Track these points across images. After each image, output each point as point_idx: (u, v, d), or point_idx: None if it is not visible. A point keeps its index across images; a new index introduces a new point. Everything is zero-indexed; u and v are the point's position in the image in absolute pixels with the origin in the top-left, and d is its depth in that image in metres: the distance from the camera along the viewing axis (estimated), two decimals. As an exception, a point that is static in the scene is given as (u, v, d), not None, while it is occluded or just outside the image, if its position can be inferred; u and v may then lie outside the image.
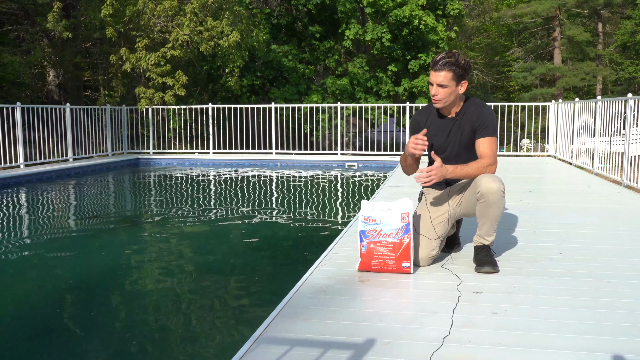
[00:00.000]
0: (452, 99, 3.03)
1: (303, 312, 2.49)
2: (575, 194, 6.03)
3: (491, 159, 3.00)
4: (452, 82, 2.97)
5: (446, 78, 2.95)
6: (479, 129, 3.04)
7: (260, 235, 5.61)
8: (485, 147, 3.03)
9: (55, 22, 12.50)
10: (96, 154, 12.38)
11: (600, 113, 7.87)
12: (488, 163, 2.99)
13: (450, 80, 2.96)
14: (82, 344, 3.01)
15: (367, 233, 2.98)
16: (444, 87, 2.97)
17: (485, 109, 3.07)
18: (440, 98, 3.01)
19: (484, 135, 3.03)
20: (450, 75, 2.95)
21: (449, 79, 2.96)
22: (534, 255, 3.40)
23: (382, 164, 11.65)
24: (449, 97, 3.01)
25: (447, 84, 2.96)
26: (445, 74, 2.95)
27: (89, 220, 6.35)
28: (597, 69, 27.05)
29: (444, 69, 2.95)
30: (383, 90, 17.26)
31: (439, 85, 2.98)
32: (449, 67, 2.95)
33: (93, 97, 17.89)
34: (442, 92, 2.98)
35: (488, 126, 3.03)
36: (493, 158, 3.01)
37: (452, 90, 2.99)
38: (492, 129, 3.04)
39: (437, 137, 3.16)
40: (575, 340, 2.17)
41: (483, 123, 3.03)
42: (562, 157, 10.50)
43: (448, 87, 2.97)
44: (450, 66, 2.95)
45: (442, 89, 2.98)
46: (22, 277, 4.24)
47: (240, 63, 13.97)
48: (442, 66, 2.95)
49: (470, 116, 3.06)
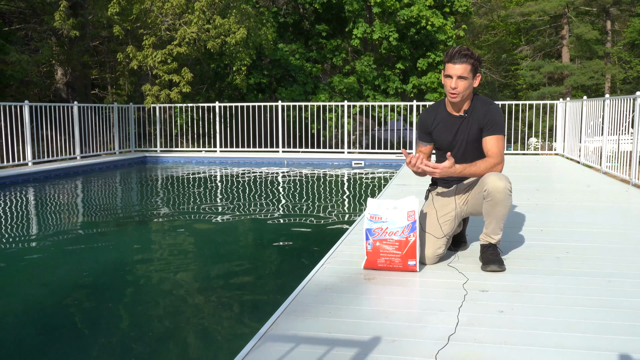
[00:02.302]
0: (468, 92, 3.03)
1: (309, 309, 2.49)
2: (583, 192, 6.00)
3: (498, 158, 2.99)
4: (470, 74, 2.98)
5: (465, 70, 2.96)
6: (486, 127, 3.03)
7: (267, 233, 5.61)
8: (493, 146, 3.02)
9: (63, 21, 12.53)
10: (104, 152, 12.43)
11: (609, 111, 7.83)
12: (495, 162, 2.98)
13: (469, 72, 2.97)
14: (91, 339, 3.02)
15: (373, 231, 2.97)
16: (463, 79, 2.98)
17: (493, 107, 3.06)
18: (459, 91, 3.00)
19: (491, 133, 3.02)
20: (469, 67, 2.97)
21: (468, 71, 2.97)
22: (541, 254, 3.39)
23: (389, 162, 11.64)
24: (466, 90, 3.01)
25: (467, 76, 2.97)
26: (465, 66, 2.96)
27: (97, 217, 6.37)
28: (606, 67, 26.92)
29: (463, 61, 2.96)
30: (391, 88, 17.23)
31: (459, 77, 2.98)
32: (467, 59, 2.96)
33: (101, 95, 17.96)
34: (462, 84, 2.99)
35: (495, 124, 3.02)
36: (500, 157, 3.00)
37: (470, 83, 3.00)
38: (500, 127, 3.03)
39: (445, 135, 3.15)
40: (582, 339, 2.16)
41: (490, 121, 3.02)
42: (570, 155, 10.45)
43: (467, 80, 2.98)
44: (468, 58, 2.96)
45: (462, 81, 2.98)
46: (32, 274, 4.27)
47: (248, 61, 13.98)
48: (460, 58, 2.96)
49: (477, 114, 3.05)
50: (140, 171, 11.13)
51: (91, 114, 11.93)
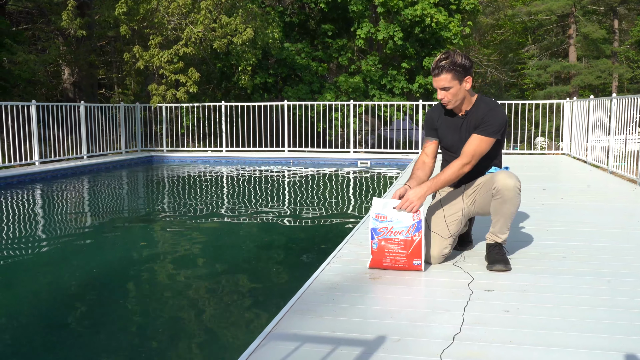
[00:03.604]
0: (460, 97, 3.00)
1: (314, 308, 2.49)
2: (589, 192, 5.97)
3: (467, 158, 2.95)
4: (454, 82, 2.94)
5: (447, 80, 2.93)
6: (479, 126, 2.99)
7: (272, 232, 5.62)
8: (469, 144, 2.98)
9: (70, 21, 12.59)
10: (110, 151, 12.47)
11: (616, 111, 7.79)
12: (463, 163, 2.95)
13: (452, 81, 2.93)
14: (98, 336, 3.03)
15: (379, 230, 2.97)
16: (447, 89, 2.95)
17: (493, 111, 2.99)
18: (448, 100, 2.99)
19: (478, 132, 2.98)
20: (450, 76, 2.92)
21: (450, 79, 2.93)
22: (547, 253, 3.38)
23: (394, 161, 11.62)
24: (456, 97, 2.98)
25: (450, 85, 2.94)
26: (445, 76, 2.93)
27: (104, 217, 6.40)
28: (613, 67, 26.79)
29: (442, 72, 2.93)
30: (397, 87, 17.20)
31: (442, 89, 2.96)
32: (447, 69, 2.92)
33: (107, 95, 18.03)
34: (448, 94, 2.97)
35: (488, 125, 2.96)
36: (470, 157, 2.95)
37: (458, 90, 2.96)
38: (491, 129, 2.95)
39: (449, 135, 3.14)
40: (588, 339, 2.15)
41: (484, 121, 2.97)
42: (576, 155, 10.40)
43: (452, 88, 2.95)
44: (448, 67, 2.92)
45: (447, 92, 2.96)
46: (38, 273, 4.29)
47: (254, 61, 13.99)
48: (439, 70, 2.93)
49: (477, 114, 3.02)
50: (147, 171, 11.16)
51: (98, 114, 11.97)
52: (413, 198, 2.90)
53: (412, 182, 3.13)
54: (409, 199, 2.91)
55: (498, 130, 2.98)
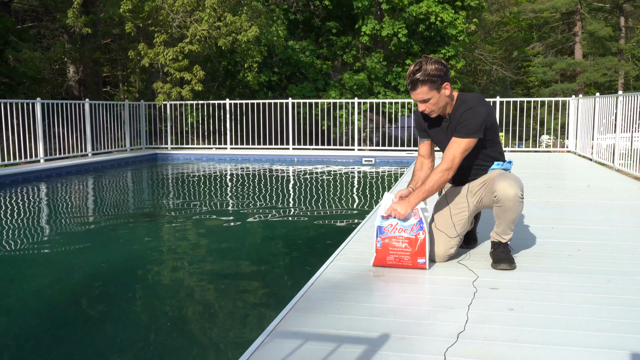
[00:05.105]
0: (442, 104, 2.95)
1: (317, 306, 2.49)
2: (595, 190, 5.95)
3: (447, 164, 2.90)
4: (432, 93, 2.88)
5: (424, 92, 2.88)
6: (456, 129, 2.95)
7: (276, 230, 5.62)
8: (448, 148, 2.94)
9: (75, 18, 12.61)
10: (115, 149, 12.49)
11: (622, 108, 7.76)
12: (443, 169, 2.90)
13: (430, 92, 2.88)
14: (102, 331, 3.04)
15: (384, 229, 2.97)
16: (427, 101, 2.91)
17: (470, 111, 2.92)
18: (430, 110, 2.95)
19: (455, 135, 2.94)
20: (427, 87, 2.87)
21: (427, 91, 2.88)
22: (552, 251, 3.36)
23: (399, 159, 11.60)
24: (437, 105, 2.93)
25: (429, 97, 2.89)
26: (422, 89, 2.87)
27: (109, 213, 6.41)
28: (619, 64, 26.66)
29: (417, 85, 2.87)
30: (402, 84, 17.16)
31: (421, 102, 2.92)
32: (421, 82, 2.86)
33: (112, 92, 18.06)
34: (429, 105, 2.92)
35: (463, 126, 2.91)
36: (450, 162, 2.90)
37: (438, 99, 2.91)
38: (466, 129, 2.90)
39: (438, 137, 3.12)
40: (593, 337, 2.14)
41: (459, 123, 2.93)
42: (582, 153, 10.36)
43: (432, 99, 2.90)
44: (422, 79, 2.86)
45: (427, 103, 2.92)
46: (43, 270, 4.30)
47: (259, 58, 13.98)
48: (414, 84, 2.88)
49: (457, 116, 2.97)
50: (152, 168, 11.18)
51: (102, 111, 12.00)
52: (398, 209, 2.90)
53: (413, 183, 3.13)
54: (394, 209, 2.91)
55: (476, 129, 2.90)
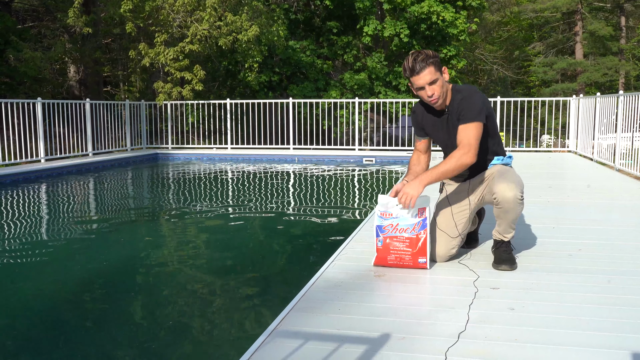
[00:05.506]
0: (445, 89, 2.96)
1: (318, 306, 2.49)
2: (596, 190, 5.94)
3: (465, 148, 2.86)
4: (437, 74, 2.90)
5: (431, 72, 2.88)
6: (460, 118, 2.94)
7: (277, 229, 5.62)
8: (461, 135, 2.91)
9: (76, 18, 12.62)
10: (115, 148, 12.50)
11: (622, 108, 7.75)
12: (462, 153, 2.86)
13: (436, 72, 2.89)
14: (103, 331, 3.04)
15: (384, 228, 2.96)
16: (434, 82, 2.90)
17: (466, 99, 2.93)
18: (437, 95, 2.92)
19: (462, 122, 2.92)
20: (433, 68, 2.88)
21: (434, 71, 2.88)
22: (553, 251, 3.36)
23: (400, 159, 11.59)
24: (442, 89, 2.93)
25: (436, 77, 2.89)
26: (429, 69, 2.87)
27: (110, 213, 6.41)
28: (620, 64, 26.65)
29: (424, 67, 2.87)
30: (402, 84, 17.15)
31: (430, 83, 2.90)
32: (427, 62, 2.87)
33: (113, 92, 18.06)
34: (436, 87, 2.91)
35: (466, 111, 2.90)
36: (468, 146, 2.86)
37: (442, 82, 2.92)
38: (471, 114, 2.89)
39: (438, 132, 3.11)
40: (593, 337, 2.14)
41: (462, 110, 2.93)
42: (582, 153, 10.36)
43: (438, 80, 2.90)
44: (427, 60, 2.87)
45: (435, 85, 2.90)
46: (44, 270, 4.30)
47: (260, 58, 13.99)
48: (421, 66, 2.87)
49: (455, 107, 2.98)
50: (152, 168, 11.18)
51: (103, 111, 12.00)
52: (408, 190, 2.83)
53: (410, 177, 3.11)
54: (404, 192, 2.83)
55: (479, 112, 2.89)
